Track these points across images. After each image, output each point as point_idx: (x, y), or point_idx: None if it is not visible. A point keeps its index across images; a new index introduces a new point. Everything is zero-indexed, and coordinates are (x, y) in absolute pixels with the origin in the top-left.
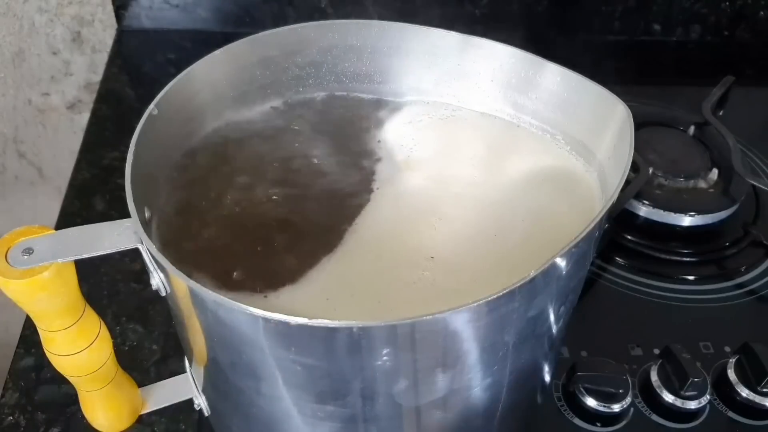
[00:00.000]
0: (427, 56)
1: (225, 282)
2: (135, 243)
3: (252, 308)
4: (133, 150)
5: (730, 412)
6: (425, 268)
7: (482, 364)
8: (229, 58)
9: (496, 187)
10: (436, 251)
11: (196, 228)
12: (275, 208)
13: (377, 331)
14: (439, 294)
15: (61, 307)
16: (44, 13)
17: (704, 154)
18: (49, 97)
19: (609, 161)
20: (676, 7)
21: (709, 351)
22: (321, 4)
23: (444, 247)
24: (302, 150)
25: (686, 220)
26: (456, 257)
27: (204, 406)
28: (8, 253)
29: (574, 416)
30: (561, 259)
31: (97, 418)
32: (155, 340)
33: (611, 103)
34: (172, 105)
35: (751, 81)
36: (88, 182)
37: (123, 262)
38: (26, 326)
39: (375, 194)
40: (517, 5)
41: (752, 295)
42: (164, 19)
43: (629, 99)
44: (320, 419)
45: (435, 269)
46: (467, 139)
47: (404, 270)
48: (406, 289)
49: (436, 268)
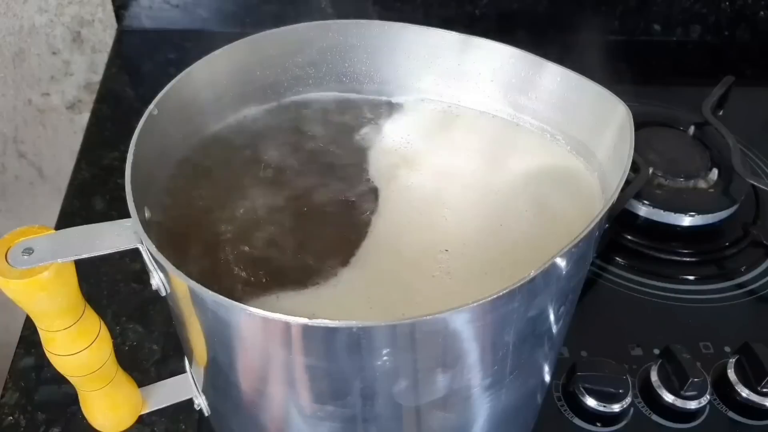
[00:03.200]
0: (427, 56)
1: (230, 282)
2: (135, 243)
3: (252, 308)
4: (133, 150)
5: (730, 412)
6: (441, 261)
7: (482, 364)
8: (229, 58)
9: (499, 181)
10: (449, 244)
11: (196, 228)
12: (276, 209)
13: (377, 331)
14: (455, 286)
15: (61, 307)
16: (44, 13)
17: (704, 154)
18: (49, 97)
19: (609, 161)
20: (676, 7)
21: (709, 351)
22: (321, 4)
23: (456, 239)
24: (303, 150)
25: (686, 220)
26: (467, 248)
27: (204, 406)
28: (8, 253)
29: (574, 416)
30: (561, 259)
31: (97, 418)
32: (155, 340)
33: (611, 103)
34: (172, 105)
35: (751, 81)
36: (88, 182)
37: (123, 262)
38: (26, 326)
39: (383, 192)
40: (517, 5)
41: (752, 295)
42: (164, 19)
43: (629, 99)
44: (320, 419)
45: (450, 261)
46: (468, 137)
47: (423, 264)
48: (428, 283)
49: (451, 260)
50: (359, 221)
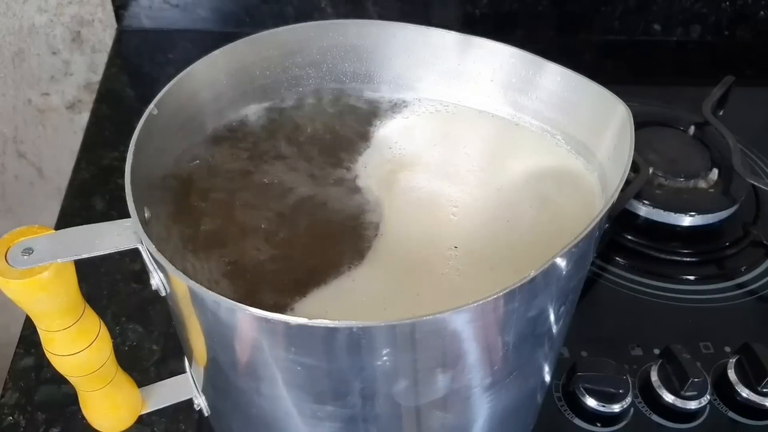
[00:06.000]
0: (427, 56)
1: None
2: (135, 243)
3: (252, 308)
4: (133, 150)
5: (730, 412)
6: (450, 258)
7: (482, 364)
8: (229, 58)
9: (501, 178)
10: (458, 241)
11: (196, 228)
12: (277, 209)
13: (377, 331)
14: (464, 283)
15: (61, 307)
16: (44, 13)
17: (704, 154)
18: (49, 97)
19: (609, 161)
20: (676, 7)
21: (709, 351)
22: (321, 4)
23: (464, 236)
24: (303, 150)
25: (686, 220)
26: (475, 244)
27: (204, 406)
28: (8, 253)
29: (574, 416)
30: (561, 259)
31: (97, 418)
32: (155, 340)
33: (611, 103)
34: (172, 105)
35: (751, 81)
36: (88, 182)
37: (123, 262)
38: (26, 326)
39: (388, 192)
40: (517, 5)
41: (752, 295)
42: (164, 19)
43: (629, 99)
44: (320, 419)
45: (459, 258)
46: (468, 137)
47: (434, 262)
48: (439, 280)
49: (460, 257)
50: (366, 222)
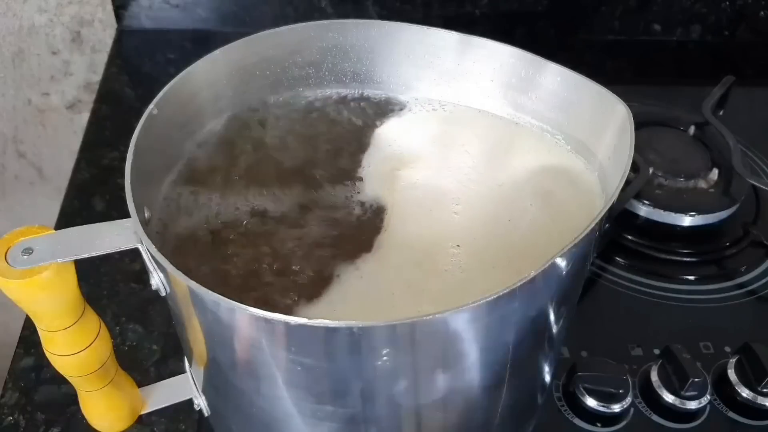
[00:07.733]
0: (427, 56)
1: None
2: (135, 243)
3: (252, 308)
4: (133, 150)
5: (730, 412)
6: (453, 255)
7: (482, 364)
8: (229, 58)
9: (502, 177)
10: (461, 239)
11: (196, 228)
12: (277, 209)
13: (377, 331)
14: (467, 280)
15: (61, 307)
16: (44, 13)
17: (704, 154)
18: (49, 97)
19: (609, 161)
20: (676, 7)
21: (710, 351)
22: (321, 4)
23: (467, 234)
24: (303, 150)
25: (686, 220)
26: (477, 242)
27: (204, 407)
28: (8, 253)
29: (574, 416)
30: (561, 259)
31: (96, 418)
32: (155, 340)
33: (611, 103)
34: (172, 105)
35: (751, 81)
36: (88, 182)
37: (123, 262)
38: (26, 326)
39: (390, 191)
40: (517, 5)
41: (752, 295)
42: (164, 19)
43: (629, 99)
44: (320, 419)
45: (461, 256)
46: (468, 136)
47: (438, 259)
48: (441, 278)
49: (462, 255)
50: (368, 221)
